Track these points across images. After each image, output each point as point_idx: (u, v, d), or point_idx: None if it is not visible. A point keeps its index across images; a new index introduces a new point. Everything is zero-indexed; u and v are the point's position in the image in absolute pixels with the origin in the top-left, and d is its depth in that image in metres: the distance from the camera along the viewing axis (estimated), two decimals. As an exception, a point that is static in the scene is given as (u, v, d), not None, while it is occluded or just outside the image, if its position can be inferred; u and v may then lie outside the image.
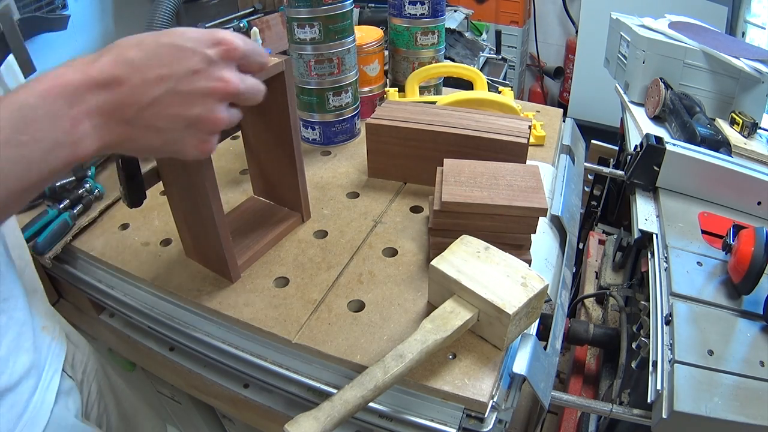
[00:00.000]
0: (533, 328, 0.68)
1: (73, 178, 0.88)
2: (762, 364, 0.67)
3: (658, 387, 0.66)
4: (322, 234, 0.81)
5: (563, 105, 2.89)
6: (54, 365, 0.62)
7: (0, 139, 0.34)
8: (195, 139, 0.41)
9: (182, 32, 0.40)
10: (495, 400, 0.58)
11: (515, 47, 2.79)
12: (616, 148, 1.41)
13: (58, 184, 0.86)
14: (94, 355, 0.77)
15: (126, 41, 0.39)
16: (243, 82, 0.42)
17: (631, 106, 1.29)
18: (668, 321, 0.73)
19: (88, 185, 0.87)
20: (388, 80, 1.20)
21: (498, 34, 2.76)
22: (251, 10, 1.53)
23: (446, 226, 0.71)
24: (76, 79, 0.36)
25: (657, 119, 1.21)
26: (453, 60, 1.66)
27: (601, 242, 1.39)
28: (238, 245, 0.75)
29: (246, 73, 0.43)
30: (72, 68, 0.37)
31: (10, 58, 0.94)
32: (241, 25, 1.42)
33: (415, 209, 0.86)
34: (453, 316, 0.60)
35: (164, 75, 0.38)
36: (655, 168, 0.96)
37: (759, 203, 0.93)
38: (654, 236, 0.89)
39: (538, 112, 1.14)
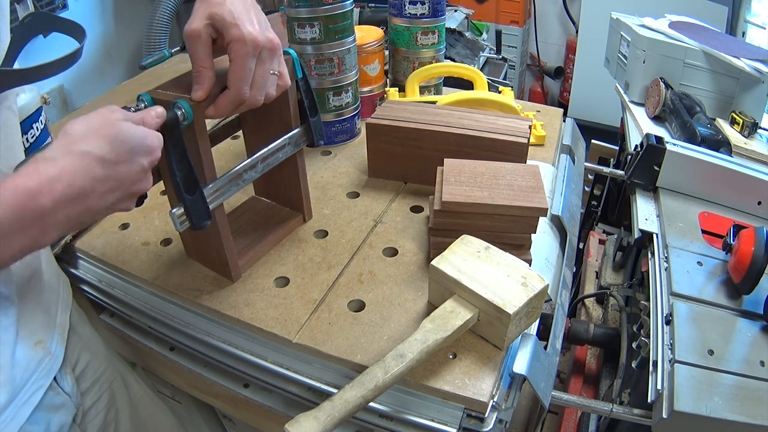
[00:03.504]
0: (533, 328, 0.68)
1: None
2: (762, 363, 0.67)
3: (659, 387, 0.66)
4: (323, 234, 0.81)
5: (563, 105, 2.89)
6: (39, 382, 0.57)
7: None
8: (125, 205, 0.51)
9: (128, 141, 0.47)
10: (495, 399, 0.58)
11: (515, 47, 2.79)
12: (617, 148, 1.41)
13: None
14: (114, 364, 0.76)
15: (85, 145, 0.45)
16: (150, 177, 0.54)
17: (631, 105, 1.29)
18: (668, 321, 0.73)
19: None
20: (388, 80, 1.20)
21: (498, 33, 2.76)
22: (251, 9, 1.52)
23: (446, 225, 0.71)
24: (46, 199, 0.42)
25: (657, 119, 1.21)
26: (453, 60, 1.66)
27: (602, 242, 1.39)
28: (239, 245, 0.75)
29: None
30: (38, 180, 0.42)
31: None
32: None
33: (416, 209, 0.86)
34: (453, 315, 0.60)
35: (116, 186, 0.47)
36: (656, 168, 0.96)
37: (759, 203, 0.93)
38: (654, 236, 0.89)
39: (539, 111, 1.14)
